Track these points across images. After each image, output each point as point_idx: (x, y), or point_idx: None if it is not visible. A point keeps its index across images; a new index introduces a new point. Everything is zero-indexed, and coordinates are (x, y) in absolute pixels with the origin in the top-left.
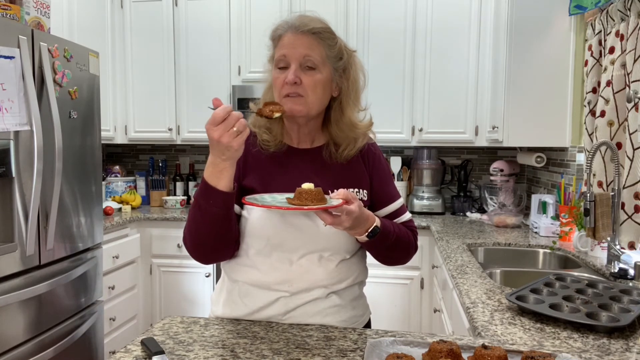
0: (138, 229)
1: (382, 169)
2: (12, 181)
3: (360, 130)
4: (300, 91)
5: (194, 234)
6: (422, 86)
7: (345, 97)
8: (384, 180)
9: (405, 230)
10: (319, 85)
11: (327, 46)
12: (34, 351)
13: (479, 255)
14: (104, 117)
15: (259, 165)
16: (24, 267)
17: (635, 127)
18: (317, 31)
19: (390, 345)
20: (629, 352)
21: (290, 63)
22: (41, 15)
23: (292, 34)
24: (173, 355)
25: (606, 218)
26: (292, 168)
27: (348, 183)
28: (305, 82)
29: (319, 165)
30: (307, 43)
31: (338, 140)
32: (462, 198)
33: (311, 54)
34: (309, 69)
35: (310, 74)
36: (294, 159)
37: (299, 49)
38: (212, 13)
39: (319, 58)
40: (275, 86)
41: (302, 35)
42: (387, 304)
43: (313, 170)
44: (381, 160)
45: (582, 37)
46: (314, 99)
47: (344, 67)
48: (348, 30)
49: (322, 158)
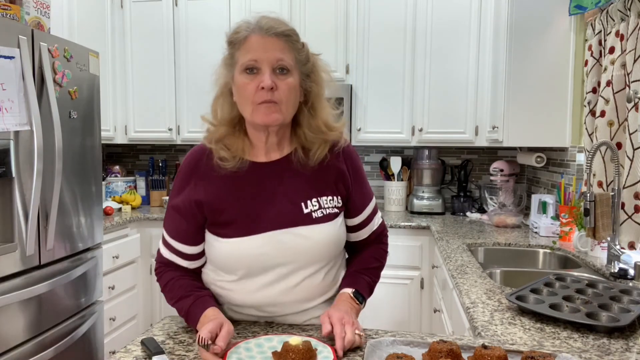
0: (138, 229)
1: (359, 170)
2: (12, 181)
3: (336, 132)
4: (276, 98)
5: (173, 306)
6: (422, 86)
7: (317, 99)
8: (362, 184)
9: (375, 272)
10: (293, 91)
11: (296, 50)
12: (34, 351)
13: (479, 255)
14: (104, 117)
15: (225, 190)
16: (24, 267)
17: (635, 127)
18: (287, 34)
19: (390, 345)
20: (629, 352)
21: (261, 67)
22: (41, 15)
23: (260, 36)
24: (173, 355)
25: (606, 218)
26: (265, 185)
27: (322, 190)
28: (280, 88)
29: (291, 176)
30: (278, 46)
31: (308, 145)
32: (462, 198)
33: (284, 57)
34: (282, 73)
35: (284, 79)
36: (262, 175)
37: (272, 53)
38: (212, 13)
39: (291, 62)
40: (244, 93)
41: (272, 38)
42: (387, 303)
43: (286, 183)
44: (358, 161)
45: (582, 37)
46: (288, 105)
47: (311, 70)
48: (348, 30)
49: (293, 166)
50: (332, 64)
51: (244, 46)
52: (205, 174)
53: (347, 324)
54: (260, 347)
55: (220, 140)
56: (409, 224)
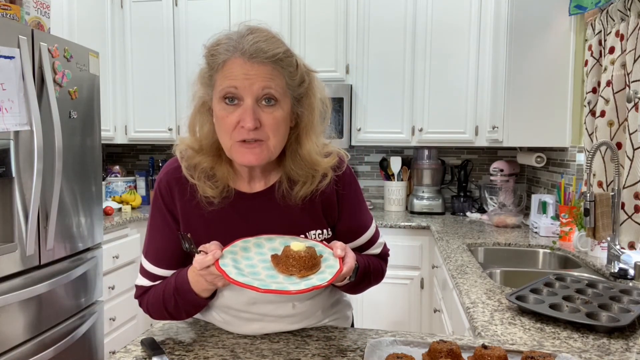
0: (138, 229)
1: (354, 197)
2: (12, 181)
3: (321, 169)
4: (261, 136)
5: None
6: (422, 86)
7: (305, 127)
8: (357, 210)
9: (374, 262)
10: (282, 123)
11: (288, 74)
12: (34, 351)
13: (479, 255)
14: (104, 117)
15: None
16: (24, 267)
17: (635, 127)
18: (277, 58)
19: (390, 345)
20: (629, 352)
21: (243, 98)
22: (41, 15)
23: (243, 61)
24: (173, 355)
25: (606, 218)
26: (248, 218)
27: (308, 225)
28: (265, 123)
29: (276, 211)
30: (265, 73)
31: (293, 176)
32: (462, 198)
33: (271, 85)
34: (268, 104)
35: (270, 111)
36: (245, 207)
37: (257, 82)
38: (212, 13)
39: (280, 89)
40: (222, 126)
41: (258, 65)
42: (387, 303)
43: (272, 219)
44: (351, 187)
45: (582, 37)
46: (275, 142)
47: (304, 93)
48: (348, 30)
49: (276, 201)
50: (332, 64)
51: (222, 72)
52: (185, 204)
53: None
54: (260, 247)
55: (204, 171)
56: (409, 224)
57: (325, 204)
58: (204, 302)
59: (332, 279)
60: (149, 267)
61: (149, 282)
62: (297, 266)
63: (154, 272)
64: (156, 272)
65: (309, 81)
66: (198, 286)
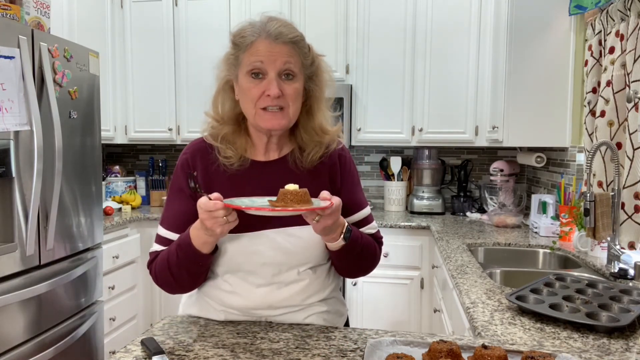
0: (138, 229)
1: (353, 175)
2: (12, 181)
3: (331, 136)
4: (282, 103)
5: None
6: (422, 86)
7: (316, 102)
8: (354, 187)
9: (368, 238)
10: (299, 95)
11: (303, 54)
12: (34, 351)
13: (479, 255)
14: (104, 117)
15: (224, 186)
16: (24, 267)
17: (635, 127)
18: (296, 40)
19: (390, 345)
20: (629, 352)
21: (268, 72)
22: (41, 15)
23: (268, 42)
24: (173, 355)
25: (606, 218)
26: (263, 184)
27: (316, 191)
28: (286, 93)
29: (286, 176)
30: (285, 52)
31: (304, 146)
32: (462, 198)
33: (291, 61)
34: (288, 78)
35: (290, 84)
36: (260, 173)
37: (279, 59)
38: (212, 13)
39: (297, 67)
40: (248, 96)
41: (280, 45)
42: (387, 303)
43: (282, 182)
44: (352, 165)
45: (582, 37)
46: (294, 109)
47: (314, 72)
48: (348, 30)
49: (289, 167)
50: (332, 64)
51: (249, 50)
52: (206, 168)
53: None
54: (254, 202)
55: (225, 138)
56: (409, 224)
57: (331, 174)
58: (204, 259)
59: (326, 207)
60: (164, 232)
61: (162, 248)
62: (295, 200)
63: (168, 237)
64: (170, 237)
65: (318, 62)
66: (198, 240)
